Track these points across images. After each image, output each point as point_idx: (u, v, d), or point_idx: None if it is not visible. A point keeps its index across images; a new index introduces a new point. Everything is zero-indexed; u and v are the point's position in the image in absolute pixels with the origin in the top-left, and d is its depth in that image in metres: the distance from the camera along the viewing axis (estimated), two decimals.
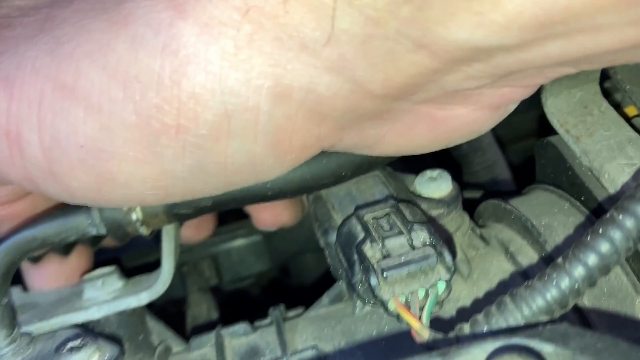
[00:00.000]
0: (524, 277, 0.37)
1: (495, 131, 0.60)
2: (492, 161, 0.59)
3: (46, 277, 0.44)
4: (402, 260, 0.31)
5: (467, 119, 0.32)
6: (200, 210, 0.36)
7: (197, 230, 0.51)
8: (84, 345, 0.35)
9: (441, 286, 0.31)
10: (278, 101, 0.27)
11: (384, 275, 0.31)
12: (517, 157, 0.65)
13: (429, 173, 0.40)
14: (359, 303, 0.38)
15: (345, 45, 0.25)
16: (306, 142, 0.29)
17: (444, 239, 0.33)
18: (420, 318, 0.31)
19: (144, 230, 0.37)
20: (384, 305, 0.31)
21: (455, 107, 0.31)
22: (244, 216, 0.61)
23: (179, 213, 0.36)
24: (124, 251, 0.58)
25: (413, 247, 0.32)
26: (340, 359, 0.36)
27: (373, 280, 0.31)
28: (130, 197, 0.30)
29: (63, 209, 0.36)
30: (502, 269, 0.38)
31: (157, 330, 0.41)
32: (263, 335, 0.39)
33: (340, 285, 0.39)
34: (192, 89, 0.26)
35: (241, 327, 0.39)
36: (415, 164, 0.53)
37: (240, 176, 0.30)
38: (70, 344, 0.35)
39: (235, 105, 0.26)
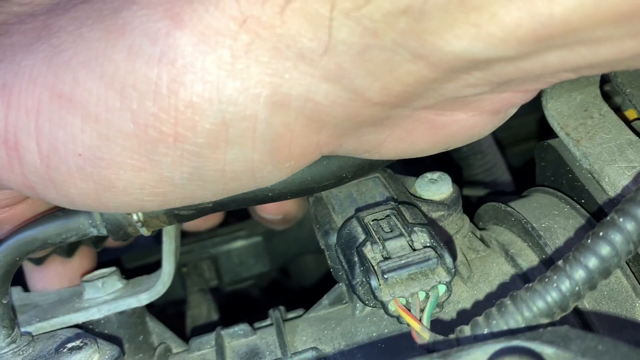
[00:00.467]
0: (524, 279, 0.37)
1: (496, 134, 0.60)
2: (492, 164, 0.59)
3: (49, 279, 0.44)
4: (402, 262, 0.31)
5: (467, 123, 0.32)
6: (201, 212, 0.36)
7: (204, 218, 0.51)
8: (84, 346, 0.35)
9: (442, 288, 0.31)
10: (276, 109, 0.27)
11: (385, 277, 0.31)
12: (517, 160, 0.65)
13: (430, 175, 0.40)
14: (359, 304, 0.38)
15: (342, 54, 0.25)
16: (305, 149, 0.29)
17: (444, 241, 0.33)
18: (420, 320, 0.31)
19: (145, 231, 0.37)
20: (384, 306, 0.31)
21: (454, 112, 0.31)
22: (244, 217, 0.61)
23: (179, 214, 0.36)
24: (124, 252, 0.58)
25: (413, 249, 0.32)
26: None
27: (374, 282, 0.31)
28: (129, 204, 0.30)
29: (64, 209, 0.36)
30: (502, 271, 0.38)
31: (157, 331, 0.41)
32: (263, 337, 0.39)
33: (341, 287, 0.39)
34: (189, 98, 0.26)
35: (241, 328, 0.39)
36: (415, 166, 0.53)
37: (239, 182, 0.30)
38: (70, 344, 0.35)
39: (233, 114, 0.27)
